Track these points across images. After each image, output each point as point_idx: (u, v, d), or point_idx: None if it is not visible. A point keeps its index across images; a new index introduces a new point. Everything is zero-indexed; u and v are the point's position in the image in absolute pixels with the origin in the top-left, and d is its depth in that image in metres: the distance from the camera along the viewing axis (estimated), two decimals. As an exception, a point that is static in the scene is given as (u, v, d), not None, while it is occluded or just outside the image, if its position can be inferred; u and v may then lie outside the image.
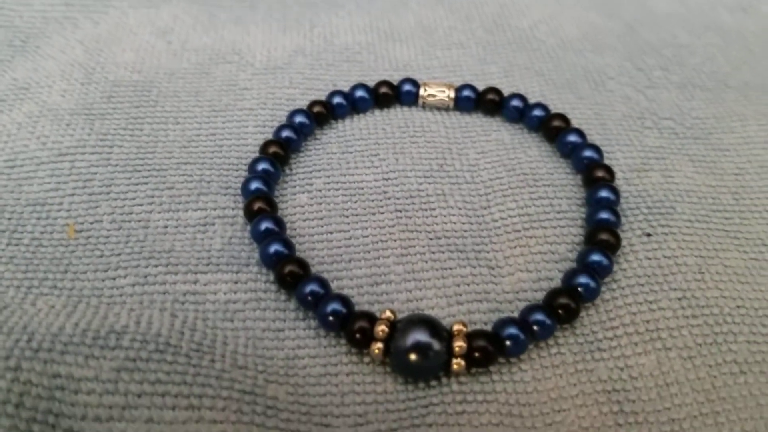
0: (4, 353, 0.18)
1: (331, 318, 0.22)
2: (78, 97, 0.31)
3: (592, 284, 0.23)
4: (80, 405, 0.18)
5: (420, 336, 0.21)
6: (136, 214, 0.26)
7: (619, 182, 0.28)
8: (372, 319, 0.22)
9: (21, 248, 0.24)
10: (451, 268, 0.25)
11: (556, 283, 0.24)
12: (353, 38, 0.37)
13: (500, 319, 0.22)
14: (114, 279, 0.23)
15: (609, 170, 0.27)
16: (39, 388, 0.18)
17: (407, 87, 0.32)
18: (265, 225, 0.25)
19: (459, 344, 0.21)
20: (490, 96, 0.31)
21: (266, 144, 0.28)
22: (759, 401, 0.21)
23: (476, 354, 0.21)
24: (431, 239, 0.26)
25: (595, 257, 0.24)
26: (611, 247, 0.24)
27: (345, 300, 0.23)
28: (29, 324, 0.19)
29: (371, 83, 0.32)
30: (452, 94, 0.32)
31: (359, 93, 0.31)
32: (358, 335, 0.22)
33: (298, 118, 0.30)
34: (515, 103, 0.31)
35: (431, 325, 0.21)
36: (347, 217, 0.27)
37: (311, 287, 0.23)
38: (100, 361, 0.19)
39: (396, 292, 0.24)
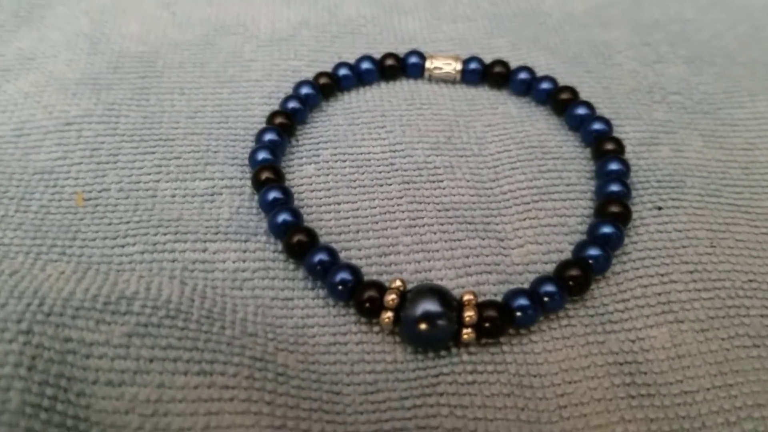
0: (16, 317, 0.18)
1: (340, 287, 0.22)
2: (84, 68, 0.30)
3: (603, 256, 0.23)
4: (92, 369, 0.18)
5: (430, 305, 0.21)
6: (144, 183, 0.26)
7: (629, 156, 0.28)
8: (381, 288, 0.22)
9: (29, 215, 0.24)
10: (459, 240, 0.25)
11: (566, 255, 0.24)
12: (357, 10, 0.36)
13: (510, 290, 0.22)
14: (123, 246, 0.23)
15: (618, 143, 0.27)
16: (51, 352, 0.18)
17: (413, 59, 0.31)
18: (273, 195, 0.24)
19: (469, 314, 0.21)
20: (497, 69, 0.31)
21: (273, 115, 0.28)
22: (771, 374, 0.21)
23: (486, 324, 0.21)
24: (439, 211, 0.26)
25: (606, 229, 0.24)
26: (622, 220, 0.24)
27: (354, 269, 0.22)
28: (40, 289, 0.19)
29: (377, 56, 0.32)
30: (459, 67, 0.31)
31: (365, 65, 0.31)
32: (367, 304, 0.22)
33: (304, 90, 0.29)
34: (522, 76, 0.31)
35: (441, 294, 0.21)
36: (354, 188, 0.26)
37: (320, 257, 0.23)
38: (111, 326, 0.19)
39: (405, 263, 0.24)
